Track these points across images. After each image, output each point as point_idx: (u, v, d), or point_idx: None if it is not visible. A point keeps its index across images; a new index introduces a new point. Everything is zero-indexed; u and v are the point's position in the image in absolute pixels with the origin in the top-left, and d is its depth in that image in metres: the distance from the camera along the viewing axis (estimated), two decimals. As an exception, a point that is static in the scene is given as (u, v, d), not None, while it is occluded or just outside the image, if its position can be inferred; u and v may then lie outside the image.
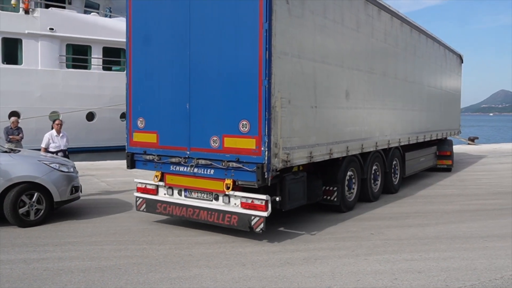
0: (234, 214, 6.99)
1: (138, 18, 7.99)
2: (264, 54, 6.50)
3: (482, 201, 10.35)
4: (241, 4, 6.72)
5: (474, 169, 16.60)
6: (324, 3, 7.97)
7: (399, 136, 11.52)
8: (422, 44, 13.56)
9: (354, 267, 5.75)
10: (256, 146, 6.60)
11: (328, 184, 8.66)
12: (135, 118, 8.02)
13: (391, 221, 8.37)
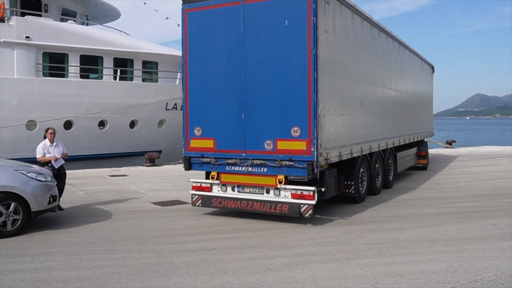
0: (285, 204, 8.46)
1: (194, 30, 9.12)
2: (312, 74, 8.05)
3: (461, 204, 10.48)
4: (292, 30, 8.18)
5: (452, 172, 16.83)
6: (346, 30, 9.58)
7: (394, 138, 13.29)
8: (406, 58, 15.30)
9: (335, 272, 5.75)
10: (307, 147, 8.14)
11: (347, 179, 10.10)
12: (192, 127, 9.35)
13: (372, 225, 8.41)
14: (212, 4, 8.92)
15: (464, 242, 7.09)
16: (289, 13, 8.22)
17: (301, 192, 8.32)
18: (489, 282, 5.28)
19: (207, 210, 10.07)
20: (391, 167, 13.34)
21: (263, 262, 6.21)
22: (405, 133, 14.88)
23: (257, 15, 8.51)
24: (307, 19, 8.05)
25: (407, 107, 15.52)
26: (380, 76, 12.18)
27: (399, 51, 14.21)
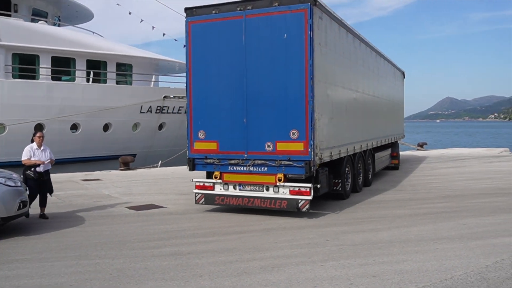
0: (283, 200, 9.33)
1: (198, 41, 9.87)
2: (309, 82, 8.93)
3: (432, 205, 10.69)
4: (290, 43, 9.01)
5: (423, 174, 17.16)
6: (334, 42, 10.48)
7: (372, 140, 14.29)
8: (382, 66, 16.41)
9: (310, 274, 5.80)
10: (304, 148, 9.00)
11: (335, 177, 10.94)
12: (195, 131, 10.05)
13: (346, 227, 8.52)
14: (215, 17, 9.66)
15: (435, 242, 7.24)
16: (287, 27, 9.05)
17: (299, 189, 9.20)
18: (459, 281, 5.41)
19: (182, 214, 10.05)
20: (370, 166, 14.28)
21: (239, 266, 6.22)
22: (382, 135, 15.95)
23: (257, 28, 9.31)
24: (305, 33, 8.92)
25: (382, 111, 16.66)
26: (361, 83, 13.21)
27: (376, 59, 15.30)
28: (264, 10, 9.23)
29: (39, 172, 9.26)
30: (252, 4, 9.31)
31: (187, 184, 15.14)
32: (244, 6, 9.36)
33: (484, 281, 5.37)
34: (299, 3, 8.94)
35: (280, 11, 9.10)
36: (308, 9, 8.88)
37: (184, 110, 24.74)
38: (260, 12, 9.27)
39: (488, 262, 6.10)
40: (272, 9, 9.17)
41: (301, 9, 8.93)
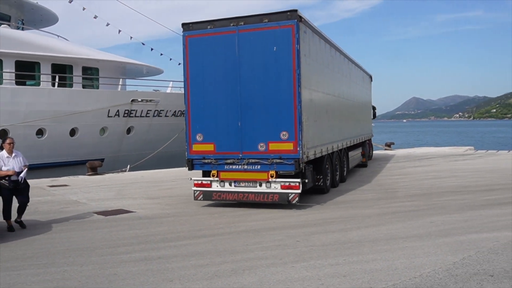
0: (275, 194, 10.42)
1: (195, 54, 10.79)
2: (297, 89, 10.04)
3: (400, 204, 10.87)
4: (280, 55, 10.10)
5: (391, 173, 17.44)
6: (316, 52, 11.58)
7: (347, 140, 15.60)
8: (353, 71, 17.76)
9: (281, 275, 5.80)
10: (294, 148, 10.11)
11: (317, 173, 11.96)
12: (194, 134, 10.94)
13: (316, 228, 8.57)
14: (211, 32, 10.61)
15: (404, 240, 7.36)
16: (277, 41, 10.13)
17: (289, 184, 10.30)
18: (427, 278, 5.51)
19: (152, 218, 9.93)
20: (345, 164, 15.44)
21: (210, 269, 6.18)
22: (354, 135, 17.31)
23: (250, 41, 10.34)
24: (292, 46, 10.02)
25: (354, 113, 18.09)
26: (337, 88, 14.61)
27: (348, 66, 16.64)
28: (255, 25, 10.27)
29: (14, 180, 8.78)
30: (244, 20, 10.33)
31: (157, 188, 15.00)
32: (237, 22, 10.38)
33: (452, 278, 5.47)
34: (287, 19, 10.03)
35: (269, 27, 10.16)
36: (295, 25, 9.98)
37: (153, 114, 24.51)
38: (252, 28, 10.31)
39: (456, 258, 6.23)
40: (262, 24, 10.20)
41: (288, 25, 10.01)
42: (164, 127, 25.22)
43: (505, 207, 9.90)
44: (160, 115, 24.90)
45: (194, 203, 11.75)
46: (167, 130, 25.27)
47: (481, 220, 8.69)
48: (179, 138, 25.79)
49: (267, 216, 9.82)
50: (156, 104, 24.34)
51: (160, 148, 24.79)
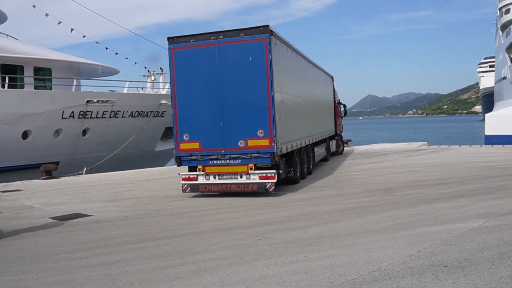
0: (254, 184, 11.95)
1: (180, 64, 12.16)
2: (271, 93, 11.61)
3: (358, 199, 11.08)
4: (255, 64, 11.60)
5: (349, 170, 17.77)
6: (285, 60, 13.20)
7: (313, 136, 17.11)
8: (316, 74, 19.35)
9: (243, 274, 5.80)
10: (269, 143, 11.66)
11: (289, 166, 13.53)
12: (181, 134, 12.31)
13: (276, 225, 8.62)
14: (194, 44, 11.99)
15: (362, 235, 7.50)
16: (252, 52, 11.60)
17: (266, 175, 11.84)
18: (385, 271, 5.63)
19: (110, 221, 9.74)
20: (311, 158, 17.02)
21: (171, 271, 6.11)
22: (319, 132, 18.81)
23: (228, 52, 11.77)
24: (265, 56, 11.54)
25: (318, 112, 19.58)
26: (303, 90, 16.21)
27: (312, 69, 18.27)
28: (233, 39, 11.73)
29: None
30: (223, 34, 11.80)
31: (115, 190, 14.72)
32: (216, 36, 11.83)
33: (409, 270, 5.62)
34: (260, 33, 11.55)
35: (245, 40, 11.65)
36: (267, 38, 11.52)
37: (109, 115, 24.02)
38: (230, 41, 11.75)
39: (412, 251, 6.41)
40: (239, 38, 11.69)
41: (262, 38, 11.55)
42: (121, 128, 24.76)
43: (458, 200, 10.26)
44: (117, 116, 24.43)
45: (153, 205, 11.61)
46: (124, 131, 24.83)
47: (435, 213, 8.96)
48: (137, 139, 25.42)
49: (228, 216, 9.80)
50: (113, 105, 23.87)
51: (118, 150, 24.34)
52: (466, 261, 5.84)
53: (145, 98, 26.44)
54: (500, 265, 5.63)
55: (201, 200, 12.15)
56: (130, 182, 16.85)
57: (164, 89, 28.63)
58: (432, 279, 5.26)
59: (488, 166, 16.54)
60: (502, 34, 50.91)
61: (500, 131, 35.23)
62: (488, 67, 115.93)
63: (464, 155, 21.96)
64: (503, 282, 5.07)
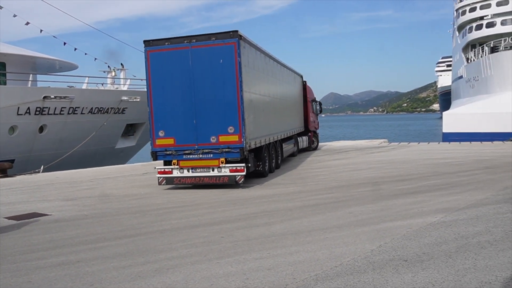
0: (225, 176, 12.82)
1: (155, 65, 12.89)
2: (240, 93, 12.47)
3: (320, 196, 11.19)
4: (225, 66, 12.45)
5: (312, 167, 17.94)
6: (253, 62, 14.05)
7: (281, 133, 18.06)
8: (285, 74, 20.17)
9: (206, 272, 5.75)
10: (239, 139, 12.54)
11: (258, 160, 14.40)
12: (157, 131, 13.06)
13: (239, 223, 8.60)
14: (168, 47, 12.78)
15: (324, 232, 7.57)
16: (222, 55, 12.46)
17: (236, 168, 12.73)
18: (347, 266, 5.70)
19: (69, 220, 9.48)
20: (280, 153, 17.90)
21: (133, 270, 5.99)
22: (287, 129, 19.64)
23: (200, 55, 12.59)
24: (235, 59, 12.38)
25: (287, 110, 20.37)
26: (271, 90, 17.05)
27: (280, 70, 19.05)
28: (205, 42, 12.57)
29: None
30: (196, 38, 12.63)
31: (74, 189, 14.36)
32: (190, 40, 12.65)
33: (370, 265, 5.71)
34: (230, 38, 12.40)
35: (217, 44, 12.49)
36: (237, 42, 12.35)
37: (67, 111, 23.39)
38: (202, 44, 12.58)
39: (373, 246, 6.51)
40: (210, 42, 12.53)
41: (232, 42, 12.38)
42: (80, 125, 24.15)
43: (417, 195, 10.51)
44: (76, 112, 23.79)
45: (114, 203, 11.39)
46: (83, 128, 24.22)
47: (395, 209, 9.15)
48: (97, 136, 24.87)
49: (191, 214, 9.72)
50: (71, 101, 23.23)
51: (77, 147, 23.75)
52: (425, 255, 5.98)
53: (105, 94, 25.87)
54: (457, 258, 5.79)
55: (163, 198, 12.00)
56: (89, 180, 16.48)
57: (125, 85, 28.10)
58: (392, 273, 5.36)
59: (445, 163, 17.03)
60: (458, 34, 52.46)
61: (457, 129, 36.37)
62: (445, 66, 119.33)
63: (423, 152, 22.54)
64: (459, 274, 5.22)
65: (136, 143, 29.62)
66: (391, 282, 5.08)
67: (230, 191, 12.62)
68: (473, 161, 17.21)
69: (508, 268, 5.36)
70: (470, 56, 45.78)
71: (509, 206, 8.81)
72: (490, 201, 9.44)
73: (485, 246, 6.28)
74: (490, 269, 5.37)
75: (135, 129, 29.06)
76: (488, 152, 20.69)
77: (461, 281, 5.02)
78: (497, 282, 4.95)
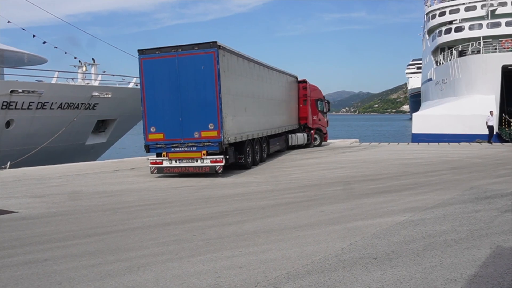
0: (207, 166, 14.94)
1: (148, 71, 15.04)
2: (219, 95, 14.47)
3: (293, 195, 11.26)
4: (207, 71, 14.47)
5: (284, 165, 18.03)
6: (234, 67, 15.99)
7: (267, 130, 19.81)
8: (274, 76, 21.96)
9: (178, 271, 5.72)
10: (217, 134, 14.55)
11: (240, 153, 16.52)
12: (149, 127, 15.18)
13: (212, 221, 8.58)
14: (158, 55, 14.94)
15: (296, 230, 7.63)
16: (204, 62, 14.50)
17: (216, 159, 14.82)
18: (318, 264, 5.77)
19: (37, 218, 9.29)
20: (265, 148, 19.83)
21: (103, 268, 5.91)
22: (275, 127, 21.33)
23: (185, 62, 14.66)
24: (214, 66, 14.42)
25: (276, 109, 21.96)
26: (256, 91, 18.80)
27: (268, 73, 20.86)
28: (189, 51, 14.64)
29: None
30: (182, 48, 14.76)
31: (42, 186, 14.07)
32: (176, 49, 14.79)
33: (340, 263, 5.78)
34: (210, 47, 14.46)
35: (199, 52, 14.54)
36: (216, 51, 14.41)
37: (36, 106, 22.86)
38: (187, 53, 14.65)
39: (344, 244, 6.60)
40: (194, 51, 14.60)
41: (211, 51, 14.45)
42: (49, 120, 23.64)
43: (387, 195, 10.69)
44: (45, 107, 23.28)
45: (84, 201, 11.21)
46: (53, 123, 23.73)
47: (366, 207, 9.29)
48: (67, 132, 24.41)
49: (163, 212, 9.64)
50: (40, 96, 22.72)
51: (46, 143, 23.26)
52: (394, 253, 6.10)
53: (76, 89, 25.40)
54: (424, 256, 5.93)
55: (134, 195, 11.87)
56: (59, 177, 16.16)
57: (96, 80, 27.64)
58: (362, 271, 5.45)
59: (414, 163, 17.36)
60: (428, 38, 53.48)
61: (426, 130, 37.09)
62: (415, 68, 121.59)
63: (393, 152, 22.92)
64: (426, 272, 5.35)
65: (107, 139, 29.20)
66: (361, 280, 5.16)
67: (203, 189, 12.58)
68: (441, 162, 17.61)
69: (473, 266, 5.52)
70: (439, 59, 46.73)
71: (474, 206, 9.06)
72: (456, 200, 9.69)
73: (451, 245, 6.44)
74: (455, 266, 5.52)
75: (106, 126, 28.63)
76: (455, 153, 21.20)
77: (427, 279, 5.14)
78: (462, 280, 5.09)
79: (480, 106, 34.82)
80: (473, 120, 34.27)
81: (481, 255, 5.93)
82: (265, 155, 19.59)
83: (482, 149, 23.63)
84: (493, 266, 5.52)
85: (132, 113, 28.28)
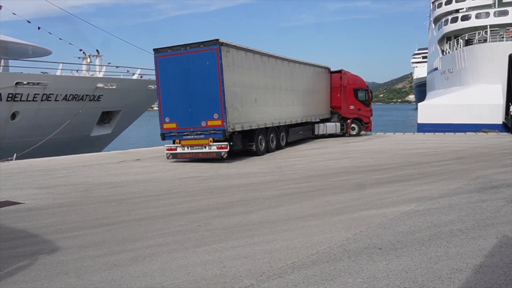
0: (214, 152, 16.55)
1: (162, 68, 16.98)
2: (222, 87, 16.05)
3: (298, 185, 11.26)
4: (211, 66, 16.08)
5: (289, 156, 18.03)
6: (241, 61, 17.55)
7: (285, 119, 21.25)
8: (296, 69, 23.07)
9: (183, 261, 5.75)
10: (222, 123, 16.16)
11: (250, 141, 18.18)
12: (164, 117, 17.14)
13: (217, 211, 8.59)
14: (170, 53, 16.76)
15: (301, 220, 7.63)
16: (208, 58, 16.12)
17: (221, 146, 16.38)
18: (323, 254, 5.77)
19: (43, 209, 9.34)
20: (284, 137, 21.30)
21: (109, 259, 5.94)
22: (297, 116, 22.63)
23: (193, 59, 16.39)
24: (217, 61, 15.99)
25: (298, 99, 23.05)
26: (271, 83, 20.08)
27: (288, 65, 22.04)
28: (196, 49, 16.39)
29: None
30: (190, 46, 16.50)
31: (48, 177, 14.13)
32: (185, 47, 16.54)
33: (346, 253, 5.79)
34: (213, 45, 16.05)
35: (204, 50, 16.24)
36: (219, 48, 15.99)
37: (41, 98, 22.92)
38: (194, 50, 16.41)
39: (349, 234, 6.60)
40: (200, 48, 16.34)
41: (214, 48, 16.06)
42: (54, 112, 23.70)
43: (392, 185, 10.67)
44: (50, 99, 23.33)
45: (89, 192, 11.25)
46: (58, 115, 23.79)
47: (370, 198, 9.28)
48: (72, 123, 24.47)
49: (168, 202, 9.67)
50: (45, 87, 22.76)
51: (51, 135, 23.34)
52: (399, 243, 6.09)
53: (80, 81, 25.43)
54: (430, 246, 5.92)
55: (140, 186, 11.91)
56: (64, 168, 16.23)
57: (100, 72, 27.64)
58: (367, 261, 5.45)
59: (420, 153, 17.31)
60: (434, 27, 53.10)
61: (432, 120, 36.94)
62: (421, 58, 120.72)
63: (398, 142, 22.87)
64: (432, 261, 5.34)
65: (112, 130, 29.26)
66: (366, 270, 5.16)
67: (207, 180, 12.60)
68: (447, 152, 17.54)
69: (478, 256, 5.51)
70: (445, 48, 46.42)
71: (480, 196, 9.03)
72: (462, 190, 9.66)
73: (457, 234, 6.43)
74: (461, 256, 5.51)
75: (111, 117, 28.68)
76: (461, 143, 21.12)
77: (433, 268, 5.13)
78: (468, 269, 5.08)
79: (486, 96, 34.62)
80: (480, 109, 34.11)
81: (487, 245, 5.92)
82: (283, 143, 21.00)
83: (488, 139, 23.52)
84: (499, 256, 5.51)
85: (136, 104, 28.30)
